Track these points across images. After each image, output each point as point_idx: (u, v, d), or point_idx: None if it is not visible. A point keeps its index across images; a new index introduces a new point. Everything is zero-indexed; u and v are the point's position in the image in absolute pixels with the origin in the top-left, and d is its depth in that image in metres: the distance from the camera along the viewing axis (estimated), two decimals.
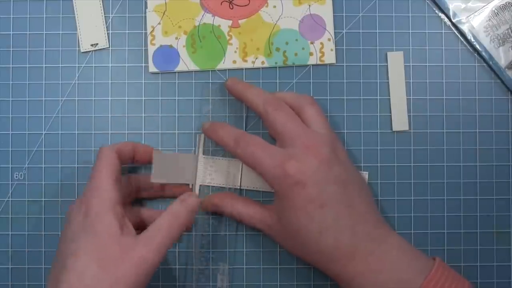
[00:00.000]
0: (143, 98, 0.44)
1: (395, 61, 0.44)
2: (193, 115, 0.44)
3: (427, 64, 0.45)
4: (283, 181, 0.33)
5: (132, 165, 0.43)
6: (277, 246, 0.43)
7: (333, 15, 0.45)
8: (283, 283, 0.43)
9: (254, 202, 0.39)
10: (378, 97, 0.44)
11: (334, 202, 0.33)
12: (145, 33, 0.44)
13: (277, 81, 0.44)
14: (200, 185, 0.42)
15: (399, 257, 0.33)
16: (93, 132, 0.44)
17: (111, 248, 0.31)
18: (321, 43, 0.44)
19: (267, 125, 0.38)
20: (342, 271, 0.33)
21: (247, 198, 0.40)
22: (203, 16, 0.44)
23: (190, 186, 0.42)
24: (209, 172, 0.41)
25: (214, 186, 0.42)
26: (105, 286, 0.30)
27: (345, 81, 0.44)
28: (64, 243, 0.33)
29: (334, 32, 0.45)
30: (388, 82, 0.44)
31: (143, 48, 0.44)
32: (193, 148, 0.44)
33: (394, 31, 0.45)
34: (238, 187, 0.42)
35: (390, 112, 0.44)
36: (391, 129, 0.44)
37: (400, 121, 0.44)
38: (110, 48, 0.44)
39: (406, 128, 0.44)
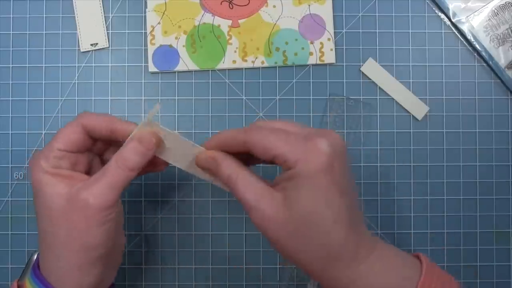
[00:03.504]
0: (143, 98, 0.44)
1: (371, 69, 0.44)
2: (193, 114, 0.44)
3: (427, 64, 0.45)
4: (311, 158, 0.29)
5: None
6: None
7: (333, 15, 0.45)
8: (284, 282, 0.43)
9: (261, 178, 0.32)
10: (378, 97, 0.44)
11: (348, 191, 0.30)
12: (145, 33, 0.44)
13: (277, 80, 0.44)
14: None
15: (393, 256, 0.32)
16: None
17: (55, 200, 0.31)
18: (321, 43, 0.44)
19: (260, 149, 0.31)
20: (343, 274, 0.30)
21: (252, 172, 0.32)
22: (203, 16, 0.44)
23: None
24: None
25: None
26: (71, 240, 0.31)
27: (344, 80, 0.44)
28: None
29: (334, 32, 0.45)
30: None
31: (143, 48, 0.44)
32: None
33: (394, 31, 0.45)
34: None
35: (394, 112, 0.44)
36: (394, 128, 0.44)
37: (418, 108, 0.44)
38: (110, 48, 0.45)
39: (427, 109, 0.44)
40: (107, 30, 0.45)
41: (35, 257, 0.35)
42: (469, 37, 0.44)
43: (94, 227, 0.31)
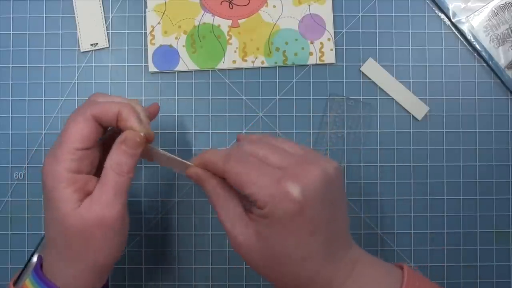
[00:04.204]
0: (143, 97, 0.44)
1: (371, 69, 0.44)
2: (193, 114, 0.44)
3: (427, 64, 0.45)
4: (280, 203, 0.29)
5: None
6: None
7: (333, 15, 0.45)
8: None
9: (240, 203, 0.33)
10: (378, 97, 0.45)
11: (323, 227, 0.30)
12: (145, 33, 0.44)
13: (277, 81, 0.44)
14: None
15: (373, 274, 0.32)
16: None
17: (71, 219, 0.31)
18: (321, 43, 0.44)
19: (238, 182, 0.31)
20: None
21: (234, 191, 0.33)
22: (202, 16, 0.44)
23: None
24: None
25: None
26: (89, 257, 0.31)
27: (344, 80, 0.44)
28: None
29: (334, 32, 0.45)
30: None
31: (143, 48, 0.44)
32: (193, 148, 0.44)
33: (394, 31, 0.45)
34: None
35: (394, 112, 0.44)
36: (394, 128, 0.44)
37: (418, 108, 0.44)
38: (110, 48, 0.45)
39: (427, 109, 0.44)
40: (107, 30, 0.45)
41: (35, 259, 0.35)
42: (469, 37, 0.44)
43: (112, 238, 0.31)
